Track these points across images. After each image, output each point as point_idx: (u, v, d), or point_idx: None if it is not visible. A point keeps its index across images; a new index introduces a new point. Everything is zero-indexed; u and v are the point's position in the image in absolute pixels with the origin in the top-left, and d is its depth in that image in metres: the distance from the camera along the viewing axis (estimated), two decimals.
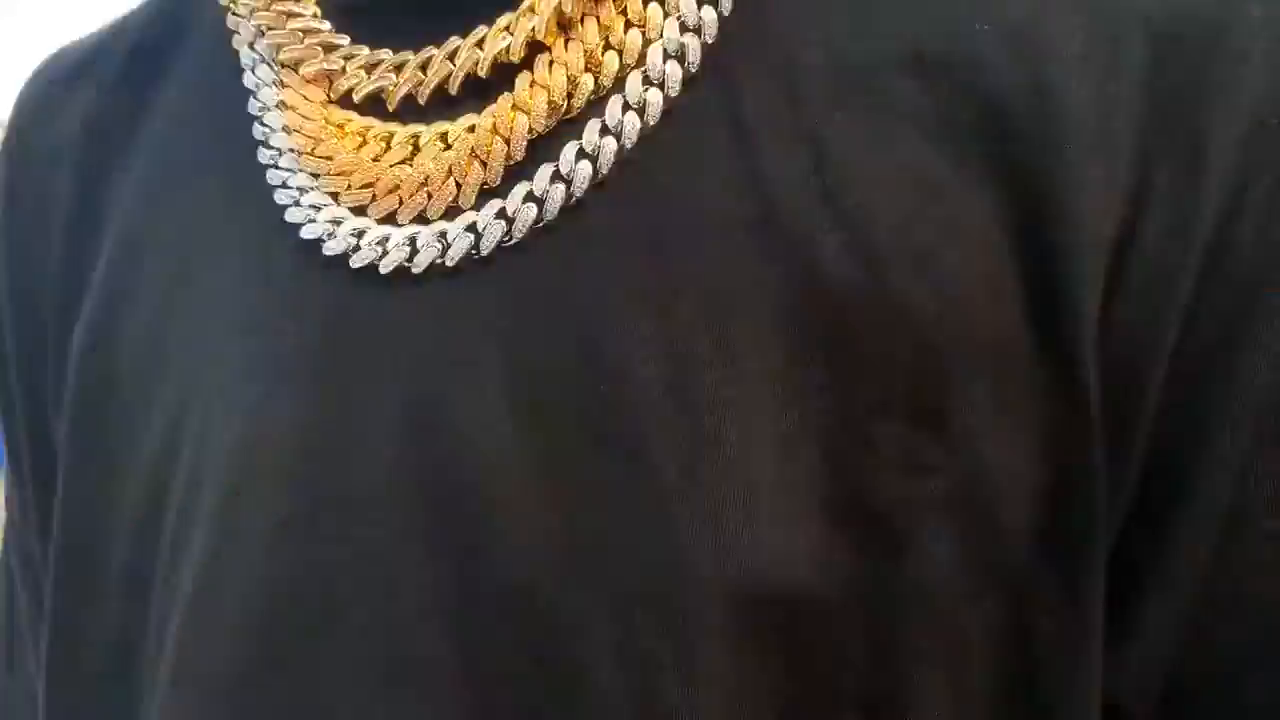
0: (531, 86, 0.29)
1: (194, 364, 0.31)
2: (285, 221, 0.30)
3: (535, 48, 0.29)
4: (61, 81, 0.40)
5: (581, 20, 0.29)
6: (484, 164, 0.28)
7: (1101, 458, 0.26)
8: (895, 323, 0.26)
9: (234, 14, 0.33)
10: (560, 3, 0.28)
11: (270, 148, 0.31)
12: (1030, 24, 0.27)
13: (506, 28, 0.29)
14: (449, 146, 0.29)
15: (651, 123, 0.28)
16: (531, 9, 0.29)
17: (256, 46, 0.32)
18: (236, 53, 0.34)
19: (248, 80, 0.32)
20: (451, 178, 0.29)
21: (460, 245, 0.28)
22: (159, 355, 0.32)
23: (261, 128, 0.32)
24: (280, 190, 0.30)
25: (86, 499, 0.33)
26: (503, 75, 0.29)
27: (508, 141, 0.28)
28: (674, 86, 0.28)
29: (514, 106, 0.28)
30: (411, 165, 0.29)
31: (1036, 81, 0.26)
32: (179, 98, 0.36)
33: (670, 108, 0.28)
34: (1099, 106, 0.26)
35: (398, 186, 0.29)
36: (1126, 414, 0.26)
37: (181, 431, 0.31)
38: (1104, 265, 0.26)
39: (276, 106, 0.31)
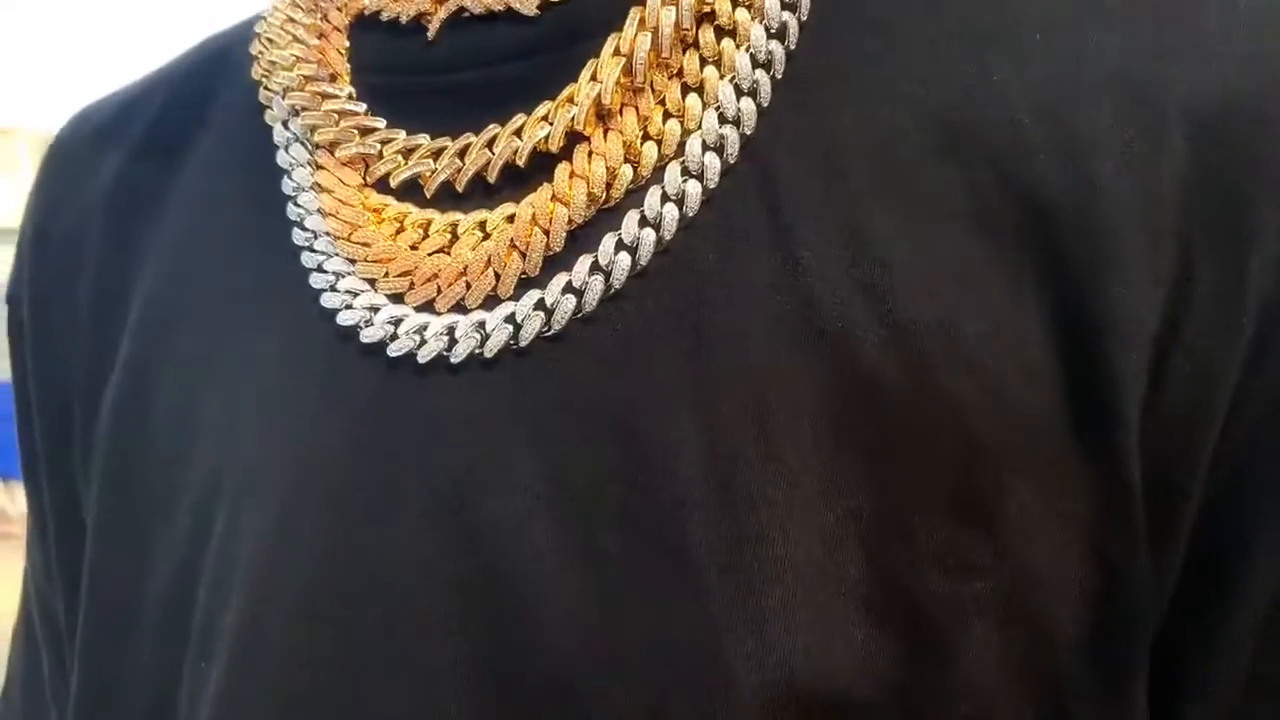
0: (571, 178, 0.28)
1: (227, 443, 0.31)
2: (321, 305, 0.30)
3: (574, 136, 0.29)
4: (90, 142, 0.40)
5: (620, 110, 0.29)
6: (523, 255, 0.28)
7: (1147, 554, 0.26)
8: (939, 420, 0.26)
9: (267, 89, 0.33)
10: (599, 94, 0.28)
11: (305, 229, 0.31)
12: (1071, 115, 0.27)
13: (545, 117, 0.29)
14: (487, 236, 0.29)
15: (690, 213, 0.28)
16: (570, 99, 0.29)
17: (290, 125, 0.32)
18: (268, 123, 0.34)
19: (281, 159, 0.32)
20: (490, 268, 0.29)
21: (499, 337, 0.28)
22: (191, 429, 0.32)
23: (296, 208, 0.31)
24: (316, 274, 0.30)
25: (117, 573, 0.33)
26: (541, 163, 0.29)
27: (547, 233, 0.28)
28: (713, 178, 0.28)
29: (553, 198, 0.28)
30: (449, 254, 0.29)
31: (1078, 175, 0.26)
32: (209, 163, 0.36)
33: (709, 196, 0.28)
34: (1141, 201, 0.26)
35: (436, 275, 0.29)
36: (1171, 509, 0.26)
37: (215, 512, 0.31)
38: (1147, 362, 0.26)
39: (312, 188, 0.31)
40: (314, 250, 0.31)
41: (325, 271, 0.30)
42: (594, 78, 0.29)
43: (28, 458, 0.41)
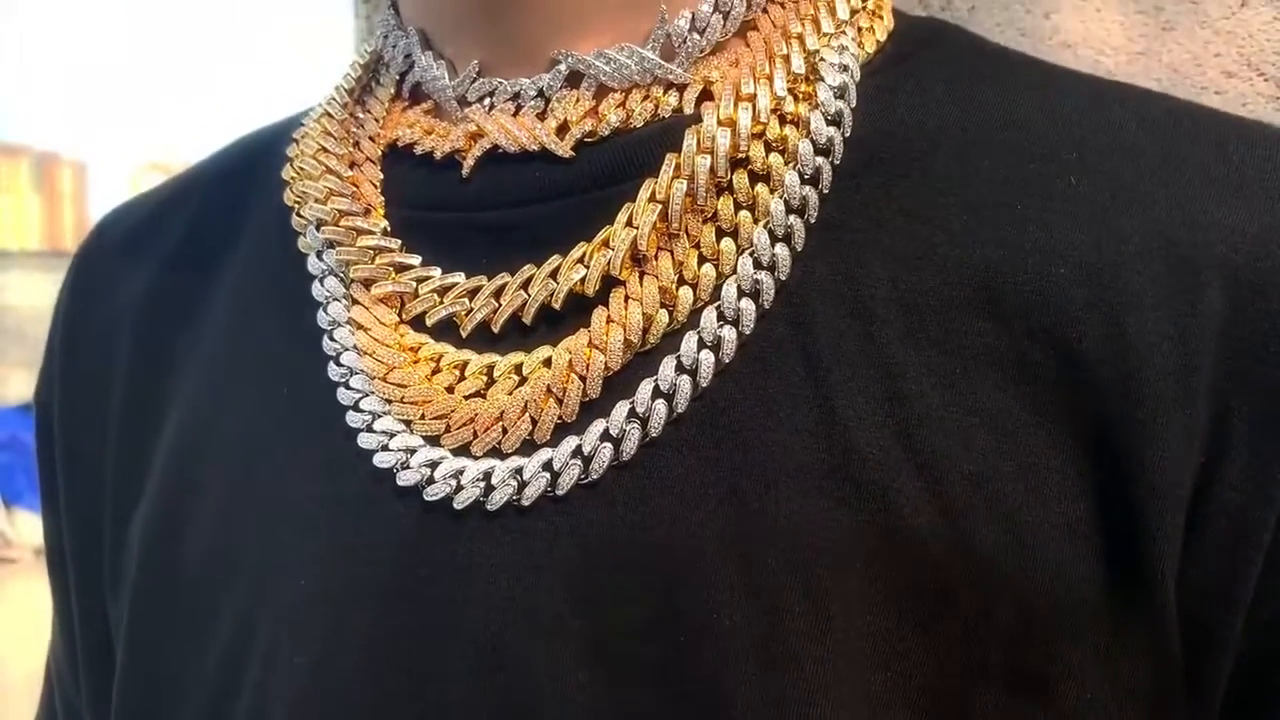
0: (608, 324, 0.29)
1: (260, 586, 0.31)
2: (358, 445, 0.30)
3: (609, 278, 0.29)
4: (121, 248, 0.41)
5: (655, 255, 0.29)
6: (560, 401, 0.29)
7: (1186, 705, 0.26)
8: (985, 580, 0.26)
9: (300, 216, 0.34)
10: (635, 239, 0.29)
11: (341, 365, 0.31)
12: (1108, 268, 0.27)
13: (581, 259, 0.29)
14: (524, 380, 0.29)
15: (726, 360, 0.28)
16: (605, 242, 0.29)
17: (325, 257, 0.33)
18: (301, 250, 0.34)
19: (316, 291, 0.33)
20: (527, 414, 0.29)
21: (536, 485, 0.28)
22: (225, 562, 0.32)
23: (332, 343, 0.32)
24: (352, 413, 0.30)
25: (148, 703, 0.33)
26: (577, 303, 0.29)
27: (584, 379, 0.28)
28: (748, 324, 0.28)
29: (590, 344, 0.29)
30: (486, 398, 0.29)
31: (1114, 331, 0.26)
32: (242, 283, 0.36)
33: (744, 341, 0.28)
34: (1177, 359, 0.26)
35: (472, 420, 0.29)
36: (1207, 668, 0.26)
37: (250, 648, 0.30)
38: (1184, 520, 0.26)
39: (347, 323, 0.31)
40: (350, 387, 0.31)
41: (361, 410, 0.30)
42: (630, 223, 0.29)
43: (58, 570, 0.41)
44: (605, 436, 0.28)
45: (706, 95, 0.30)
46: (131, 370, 0.38)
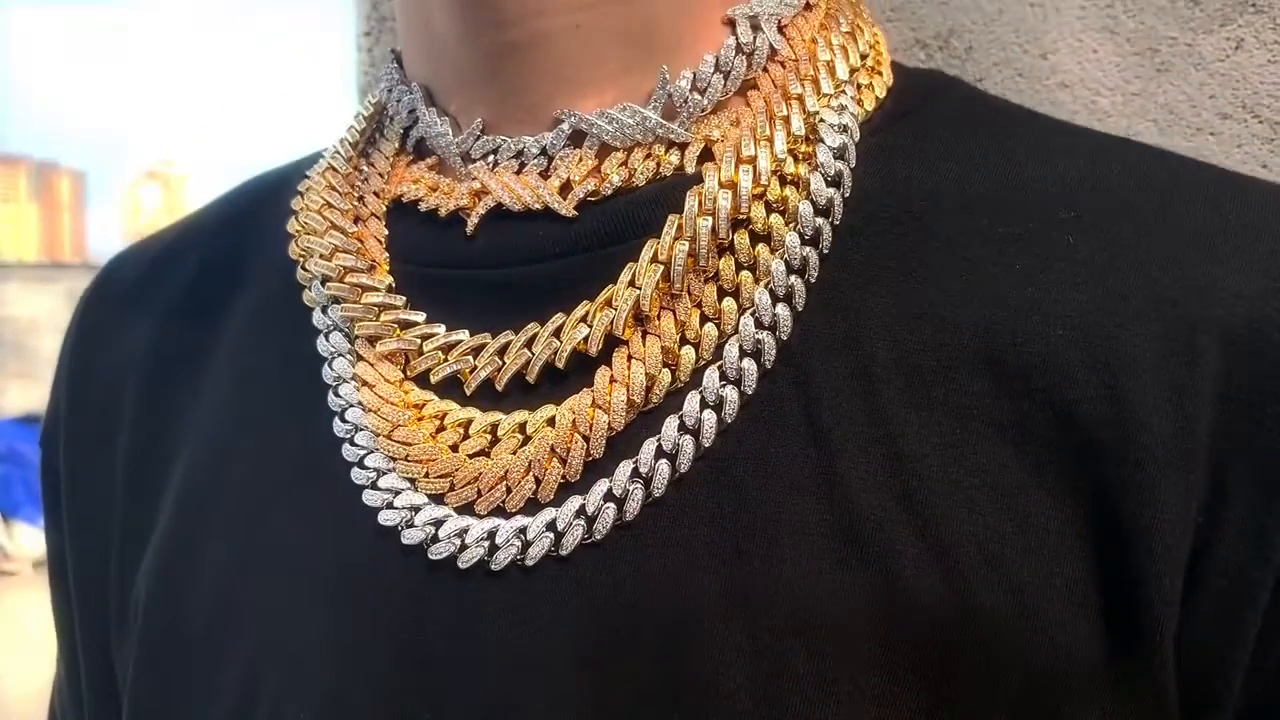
0: (611, 383, 0.29)
1: (266, 636, 0.31)
2: (362, 502, 0.30)
3: (613, 337, 0.29)
4: (127, 294, 0.41)
5: (658, 315, 0.29)
6: (563, 461, 0.29)
7: None
8: (987, 641, 0.26)
9: (304, 270, 0.34)
10: (638, 300, 0.29)
11: (346, 421, 0.31)
12: (1106, 329, 0.27)
13: (584, 318, 0.29)
14: (527, 439, 0.29)
15: (729, 420, 0.28)
16: (608, 302, 0.29)
17: (329, 312, 0.33)
18: (306, 304, 0.34)
19: (321, 346, 0.33)
20: (530, 473, 0.29)
21: (540, 545, 0.28)
22: (230, 618, 0.32)
23: (337, 399, 0.32)
24: (357, 469, 0.31)
25: None
26: (580, 362, 0.30)
27: (587, 439, 0.29)
28: (750, 384, 0.28)
29: (594, 403, 0.29)
30: (489, 457, 0.29)
31: (1112, 392, 0.27)
32: (246, 333, 0.36)
33: (747, 401, 0.29)
34: (1175, 423, 0.26)
35: (476, 479, 0.29)
36: None
37: (255, 705, 0.31)
38: (1181, 582, 0.26)
39: (352, 379, 0.32)
40: (354, 444, 0.31)
41: (366, 467, 0.31)
42: (633, 283, 0.29)
43: (63, 613, 0.41)
44: (609, 497, 0.28)
45: (708, 153, 0.31)
46: (137, 418, 0.38)
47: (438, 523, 0.29)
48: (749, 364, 0.29)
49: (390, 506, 0.30)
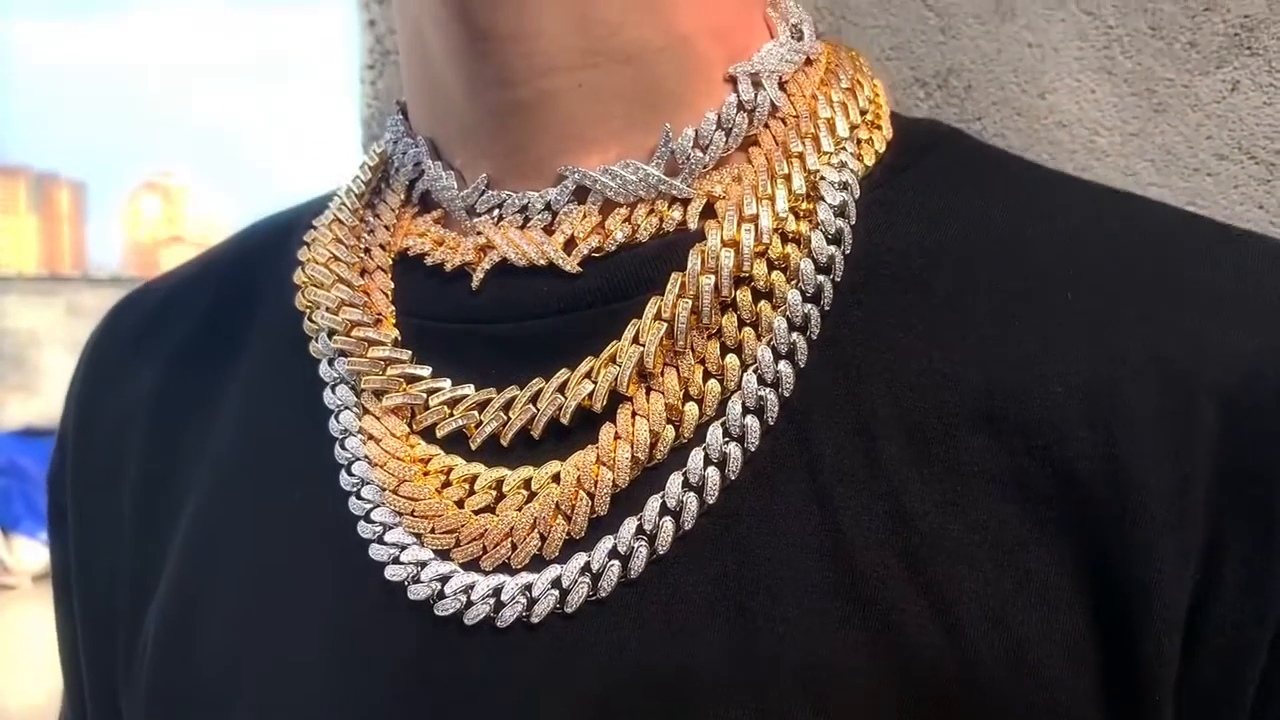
0: (615, 440, 0.29)
1: (273, 688, 0.31)
2: (369, 556, 0.31)
3: (617, 394, 0.30)
4: (135, 338, 0.41)
5: (661, 371, 0.30)
6: (568, 518, 0.29)
7: None
8: (988, 698, 0.26)
9: (312, 322, 0.34)
10: (642, 356, 0.29)
11: (352, 475, 0.32)
12: (1104, 387, 0.27)
13: (588, 374, 0.30)
14: (532, 495, 0.30)
15: (732, 477, 0.29)
16: (612, 358, 0.30)
17: (336, 365, 0.33)
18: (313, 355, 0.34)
19: (328, 398, 0.33)
20: (536, 531, 0.29)
21: (546, 602, 0.28)
22: (238, 669, 0.32)
23: (343, 452, 0.32)
24: (364, 523, 0.31)
25: None
26: (585, 417, 0.30)
27: (592, 496, 0.29)
28: (753, 440, 0.29)
29: (598, 460, 0.29)
30: (495, 513, 0.30)
31: (1110, 450, 0.27)
32: (254, 381, 0.36)
33: (750, 458, 0.29)
34: (1172, 481, 0.27)
35: (482, 535, 0.30)
36: None
37: None
38: (1179, 640, 0.26)
39: (358, 432, 0.32)
40: (361, 497, 0.31)
41: (373, 521, 0.31)
42: (636, 340, 0.29)
43: (70, 661, 0.41)
44: (614, 554, 0.28)
45: (710, 208, 0.31)
46: (144, 463, 0.38)
47: (444, 579, 0.29)
48: (752, 421, 0.29)
49: (397, 561, 0.30)
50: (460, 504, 0.30)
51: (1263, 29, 0.44)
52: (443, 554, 0.30)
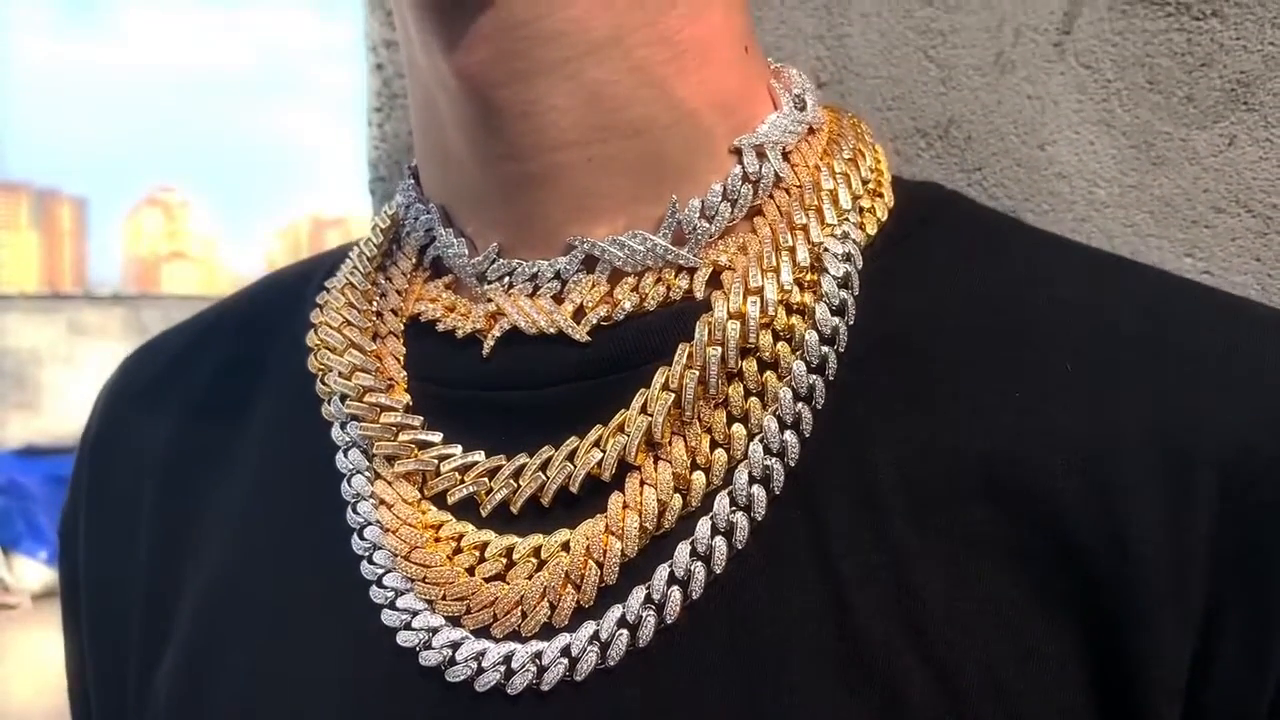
0: (624, 509, 0.30)
1: None
2: (381, 621, 0.31)
3: (625, 462, 0.30)
4: (147, 393, 0.42)
5: (669, 440, 0.30)
6: (577, 587, 0.30)
7: None
8: None
9: (324, 384, 0.35)
10: (650, 426, 0.30)
11: (364, 539, 0.32)
12: (1102, 459, 0.28)
13: (597, 442, 0.30)
14: (542, 563, 0.30)
15: (739, 546, 0.29)
16: (621, 428, 0.30)
17: (348, 429, 0.34)
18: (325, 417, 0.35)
19: (340, 462, 0.34)
20: (545, 599, 0.30)
21: (556, 670, 0.29)
22: None
23: (355, 516, 0.33)
24: (375, 588, 0.31)
25: None
26: (594, 487, 0.30)
27: (601, 565, 0.29)
28: (760, 510, 0.29)
29: (607, 530, 0.30)
30: (506, 581, 0.30)
31: (1109, 521, 0.27)
32: (267, 438, 0.37)
33: (756, 527, 0.29)
34: (1171, 553, 0.27)
35: (493, 603, 0.30)
36: None
37: None
38: (1179, 710, 0.27)
39: (370, 497, 0.33)
40: (373, 562, 0.32)
41: (385, 586, 0.31)
42: (645, 409, 0.30)
43: (76, 690, 0.42)
44: (622, 623, 0.29)
45: (716, 277, 0.31)
46: (158, 518, 0.39)
47: (455, 645, 0.30)
48: (758, 490, 0.29)
49: (408, 627, 0.31)
50: (471, 571, 0.31)
51: (1259, 85, 0.45)
52: (454, 620, 0.31)
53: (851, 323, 0.31)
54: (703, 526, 0.29)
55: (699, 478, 0.30)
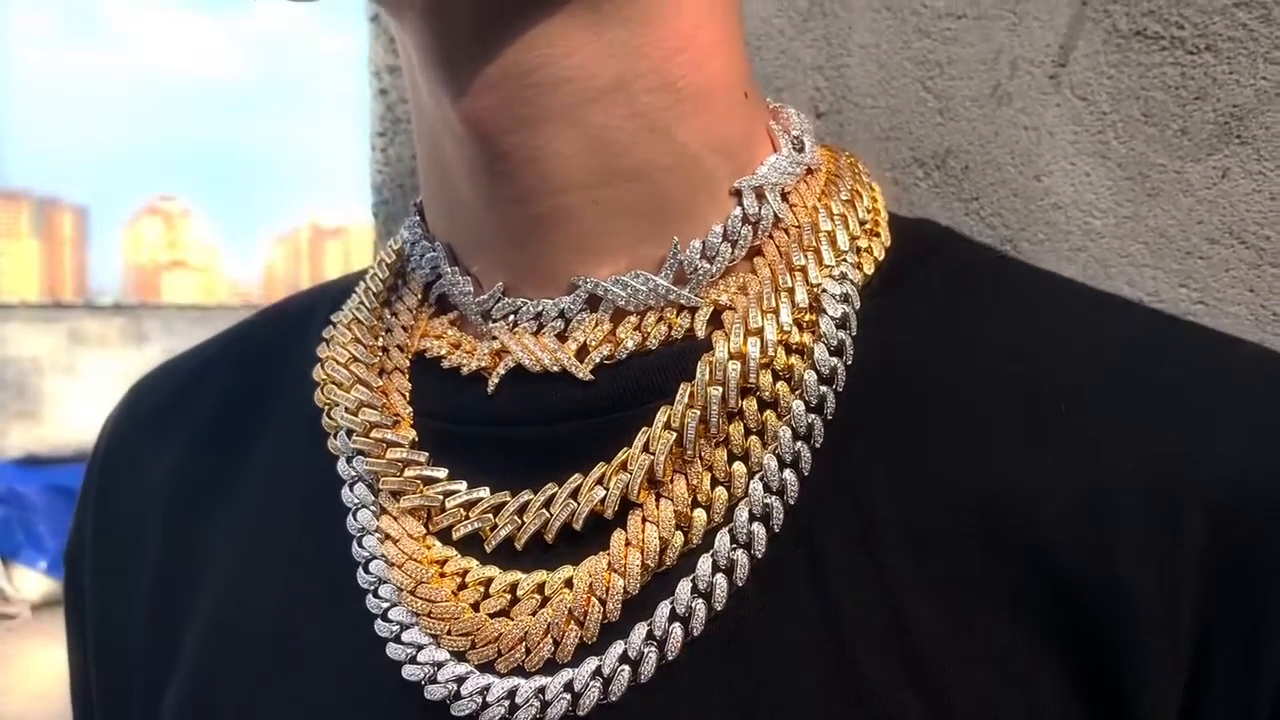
0: (626, 546, 0.30)
1: None
2: (386, 655, 0.31)
3: (627, 499, 0.31)
4: (152, 422, 0.42)
5: (671, 479, 0.31)
6: (580, 623, 0.30)
7: None
8: None
9: (330, 418, 0.35)
10: (652, 464, 0.30)
11: (369, 573, 0.33)
12: (1095, 499, 0.28)
13: (600, 480, 0.31)
14: (546, 599, 0.31)
15: (740, 583, 0.30)
16: (623, 465, 0.31)
17: (354, 463, 0.34)
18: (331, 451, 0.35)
19: (345, 496, 0.34)
20: (549, 635, 0.30)
21: (559, 706, 0.29)
22: None
23: (361, 550, 0.33)
24: (381, 621, 0.32)
25: None
26: (597, 523, 0.31)
27: (603, 602, 0.30)
28: (760, 547, 0.30)
29: (609, 567, 0.30)
30: (510, 617, 0.31)
31: (1101, 561, 0.28)
32: (273, 470, 0.38)
33: (756, 565, 0.30)
34: (1162, 589, 0.28)
35: (497, 639, 0.31)
36: None
37: None
38: None
39: (375, 531, 0.33)
40: (378, 595, 0.32)
41: (390, 620, 0.32)
42: (647, 448, 0.31)
43: (79, 699, 0.42)
44: (624, 659, 0.29)
45: (717, 315, 0.32)
46: (161, 547, 0.39)
47: (460, 679, 0.30)
48: (758, 528, 0.30)
49: (414, 661, 0.31)
50: (476, 606, 0.31)
51: (1252, 118, 0.46)
52: (459, 655, 0.31)
53: (849, 363, 0.31)
54: (704, 564, 0.30)
55: (700, 515, 0.30)
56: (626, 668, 0.29)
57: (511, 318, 0.33)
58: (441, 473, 0.33)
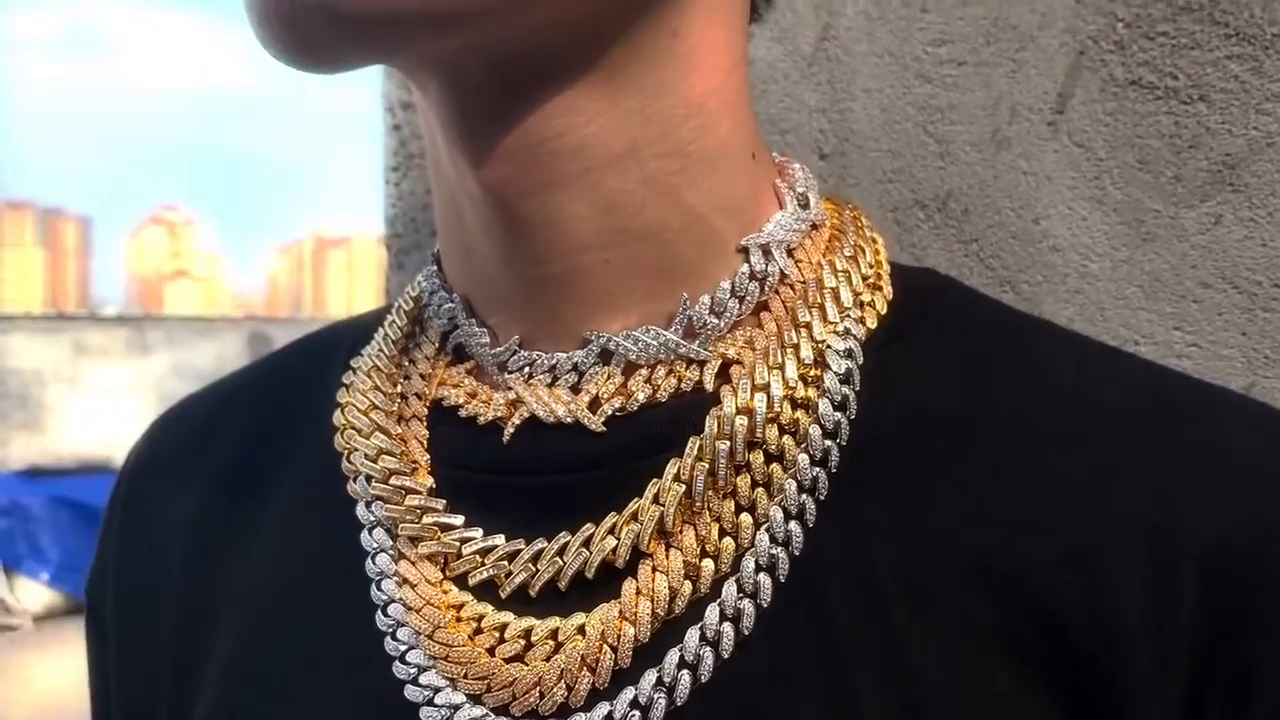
0: (637, 595, 0.31)
1: None
2: (405, 697, 0.33)
3: (638, 548, 0.32)
4: (174, 460, 0.43)
5: (680, 529, 0.32)
6: (593, 670, 0.31)
7: None
8: None
9: (349, 463, 0.36)
10: (662, 515, 0.32)
11: (388, 616, 0.34)
12: (1090, 550, 0.30)
13: (612, 529, 0.32)
14: (559, 645, 0.32)
15: (746, 632, 0.31)
16: (634, 516, 0.32)
17: (373, 509, 0.35)
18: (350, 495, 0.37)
19: (365, 541, 0.35)
20: (563, 681, 0.31)
21: None
22: None
23: (379, 593, 0.34)
24: (399, 664, 0.33)
25: None
26: (608, 572, 0.32)
27: (614, 649, 0.31)
28: (766, 597, 0.31)
29: (620, 615, 0.31)
30: (525, 662, 0.32)
31: (1096, 611, 0.29)
32: (292, 511, 0.39)
33: (762, 614, 0.31)
34: (1155, 640, 0.29)
35: (512, 684, 0.32)
36: None
37: None
38: None
39: (394, 575, 0.34)
40: (396, 639, 0.33)
41: (408, 663, 0.33)
42: (657, 499, 0.32)
43: None
44: (635, 704, 0.31)
45: (725, 369, 0.33)
46: (183, 588, 0.40)
47: None
48: (764, 578, 0.31)
49: (431, 704, 0.32)
50: (491, 651, 0.32)
51: (1244, 167, 0.47)
52: (475, 698, 0.32)
53: (853, 417, 0.32)
54: (711, 613, 0.31)
55: (708, 565, 0.32)
56: (637, 713, 0.30)
57: (527, 370, 0.34)
58: (458, 520, 0.34)
